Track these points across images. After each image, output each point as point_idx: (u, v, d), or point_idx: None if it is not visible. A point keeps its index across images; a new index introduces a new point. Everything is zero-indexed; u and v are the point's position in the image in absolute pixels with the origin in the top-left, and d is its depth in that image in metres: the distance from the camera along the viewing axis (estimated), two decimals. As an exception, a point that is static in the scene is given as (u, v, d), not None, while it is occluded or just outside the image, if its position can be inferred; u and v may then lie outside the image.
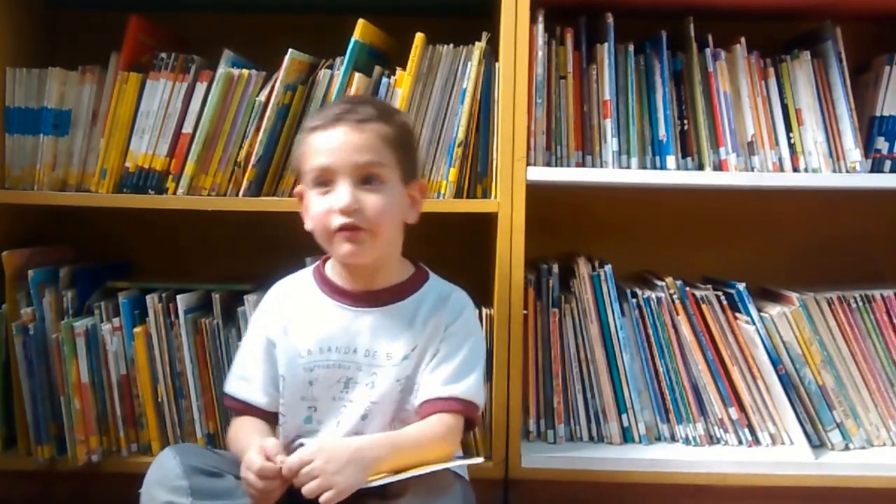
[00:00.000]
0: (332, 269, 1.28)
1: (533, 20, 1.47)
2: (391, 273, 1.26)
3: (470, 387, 1.21)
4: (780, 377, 1.49)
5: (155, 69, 1.47)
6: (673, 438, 1.55)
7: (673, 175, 1.52)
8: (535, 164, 1.49)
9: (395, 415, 1.22)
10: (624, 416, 1.54)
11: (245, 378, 1.27)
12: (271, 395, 1.25)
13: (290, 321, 1.26)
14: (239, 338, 1.42)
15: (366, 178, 1.18)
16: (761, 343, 1.49)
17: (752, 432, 1.53)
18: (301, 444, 1.22)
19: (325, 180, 1.19)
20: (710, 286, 1.55)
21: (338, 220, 1.17)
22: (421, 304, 1.25)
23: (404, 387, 1.22)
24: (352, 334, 1.23)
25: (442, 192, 1.46)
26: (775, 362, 1.49)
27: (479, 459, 1.16)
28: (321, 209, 1.19)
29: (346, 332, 1.23)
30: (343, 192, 1.17)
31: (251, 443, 1.13)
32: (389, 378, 1.21)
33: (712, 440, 1.55)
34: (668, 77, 1.54)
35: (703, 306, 1.52)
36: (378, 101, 1.31)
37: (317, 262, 1.32)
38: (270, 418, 1.26)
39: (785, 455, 1.50)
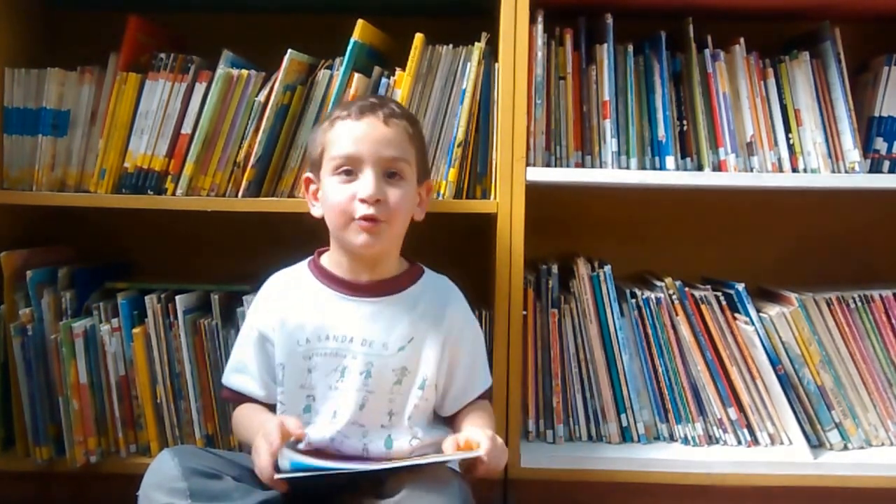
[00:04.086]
0: (329, 260, 1.30)
1: (532, 21, 1.46)
2: (390, 265, 1.29)
3: (490, 376, 1.35)
4: (778, 377, 1.49)
5: (154, 69, 1.47)
6: (672, 438, 1.55)
7: (672, 175, 1.52)
8: (534, 165, 1.48)
9: (389, 407, 1.23)
10: (623, 416, 1.54)
11: (242, 371, 1.29)
12: (269, 387, 1.27)
13: (287, 311, 1.27)
14: (238, 338, 1.42)
15: (389, 172, 1.22)
16: (760, 343, 1.49)
17: (751, 432, 1.53)
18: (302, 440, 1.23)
19: (349, 169, 1.22)
20: (709, 287, 1.55)
21: (362, 210, 1.20)
22: (420, 297, 1.27)
23: (399, 378, 1.22)
24: (349, 323, 1.24)
25: (441, 192, 1.46)
26: (774, 362, 1.50)
27: (481, 452, 1.15)
28: (343, 196, 1.21)
29: (344, 321, 1.24)
30: (370, 182, 1.20)
31: (265, 419, 1.16)
32: (385, 368, 1.22)
33: (711, 440, 1.55)
34: (667, 77, 1.54)
35: (703, 307, 1.52)
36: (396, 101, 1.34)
37: (311, 257, 1.32)
38: (269, 409, 1.27)
39: (784, 455, 1.51)
